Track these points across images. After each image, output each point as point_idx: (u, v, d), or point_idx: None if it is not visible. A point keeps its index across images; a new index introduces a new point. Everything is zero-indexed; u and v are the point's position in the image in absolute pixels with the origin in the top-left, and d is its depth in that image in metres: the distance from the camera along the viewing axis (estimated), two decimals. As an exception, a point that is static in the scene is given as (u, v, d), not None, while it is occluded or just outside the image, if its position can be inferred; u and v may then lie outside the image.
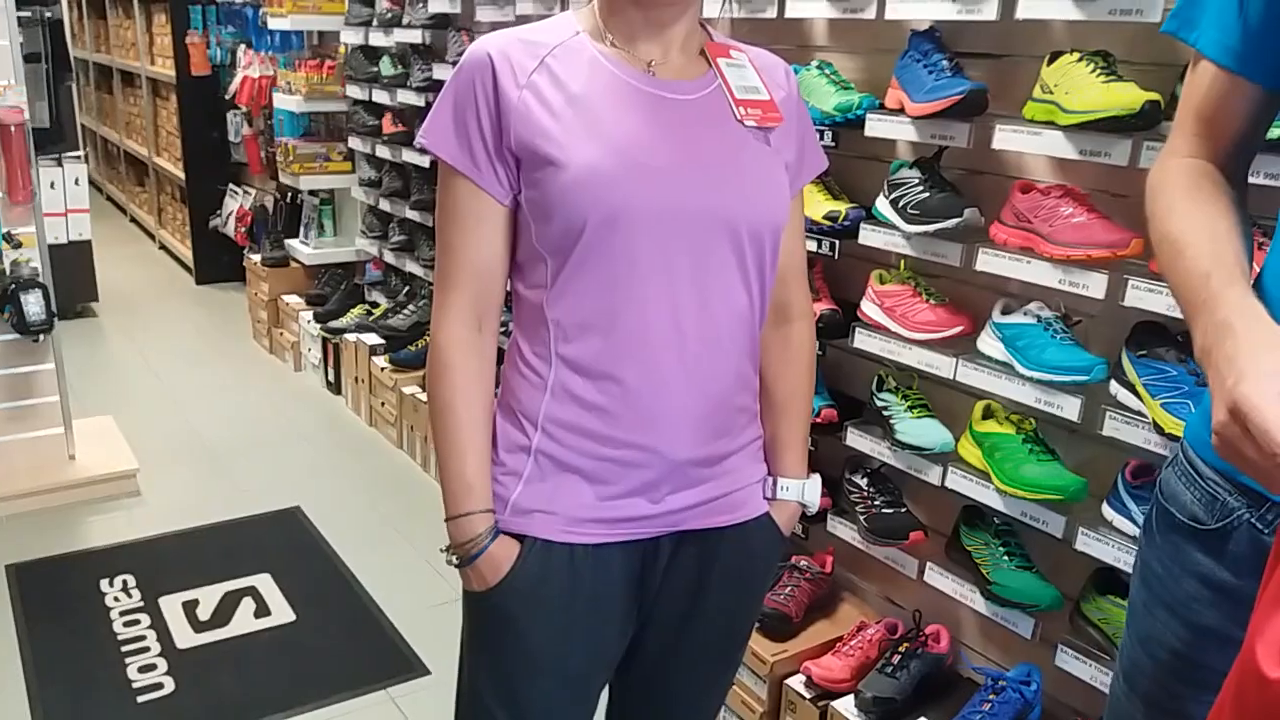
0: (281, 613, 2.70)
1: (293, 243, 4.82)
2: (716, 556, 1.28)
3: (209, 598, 2.76)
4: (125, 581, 2.82)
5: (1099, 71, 1.69)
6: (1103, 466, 1.84)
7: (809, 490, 1.37)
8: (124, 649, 2.52)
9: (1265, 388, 0.78)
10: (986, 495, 1.95)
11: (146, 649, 2.53)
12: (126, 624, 2.63)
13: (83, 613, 2.68)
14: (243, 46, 5.10)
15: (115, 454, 3.48)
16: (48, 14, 3.51)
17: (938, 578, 2.08)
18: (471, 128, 1.13)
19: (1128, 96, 1.62)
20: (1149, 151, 1.63)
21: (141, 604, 2.72)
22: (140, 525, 3.16)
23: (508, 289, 1.23)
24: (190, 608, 2.71)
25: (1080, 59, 1.72)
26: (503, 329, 1.27)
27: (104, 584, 2.81)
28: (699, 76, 1.21)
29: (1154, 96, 1.60)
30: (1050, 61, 1.79)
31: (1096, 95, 1.66)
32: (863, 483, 2.21)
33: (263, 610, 2.71)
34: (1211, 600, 1.03)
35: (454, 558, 1.24)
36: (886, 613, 2.32)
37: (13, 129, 3.00)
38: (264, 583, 2.84)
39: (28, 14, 3.30)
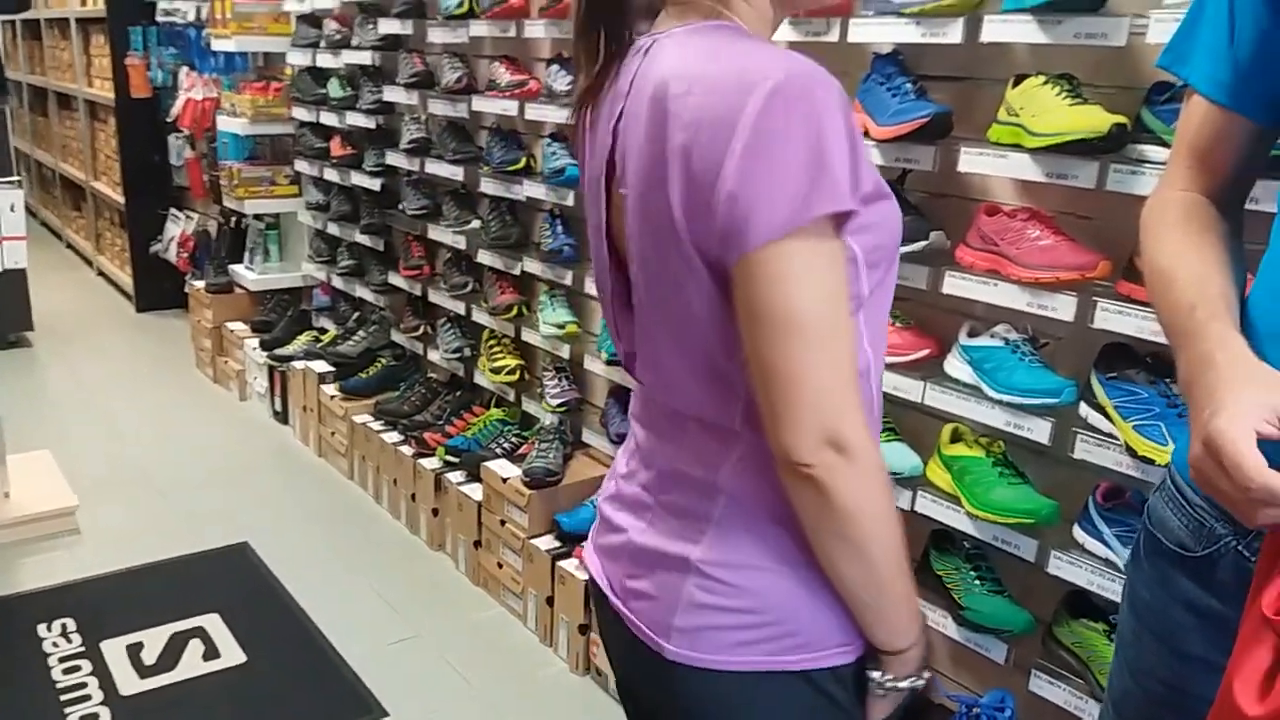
0: (231, 654, 2.60)
1: (237, 268, 4.72)
2: None
3: (154, 640, 2.64)
4: (64, 625, 2.70)
5: (1065, 94, 1.69)
6: (1073, 488, 1.83)
7: None
8: (63, 698, 2.40)
9: (1239, 422, 0.80)
10: (957, 519, 1.93)
11: (88, 697, 2.41)
12: (66, 671, 2.51)
13: (19, 660, 2.56)
14: (185, 68, 5.00)
15: (52, 490, 3.35)
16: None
17: (909, 604, 2.05)
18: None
19: (1095, 119, 1.62)
20: (1116, 174, 1.63)
21: (82, 649, 2.60)
22: (80, 565, 3.03)
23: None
24: (135, 651, 2.59)
25: (1045, 82, 1.72)
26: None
27: (41, 629, 2.68)
28: None
29: (1120, 119, 1.60)
30: (1015, 84, 1.78)
31: (1063, 118, 1.66)
32: (831, 509, 2.18)
33: (212, 652, 2.61)
34: (1199, 627, 1.02)
35: (912, 683, 1.07)
36: (856, 640, 2.29)
37: (-57, 154, 2.89)
38: (212, 623, 2.73)
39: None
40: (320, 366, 3.94)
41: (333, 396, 3.76)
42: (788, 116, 0.84)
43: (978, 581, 1.96)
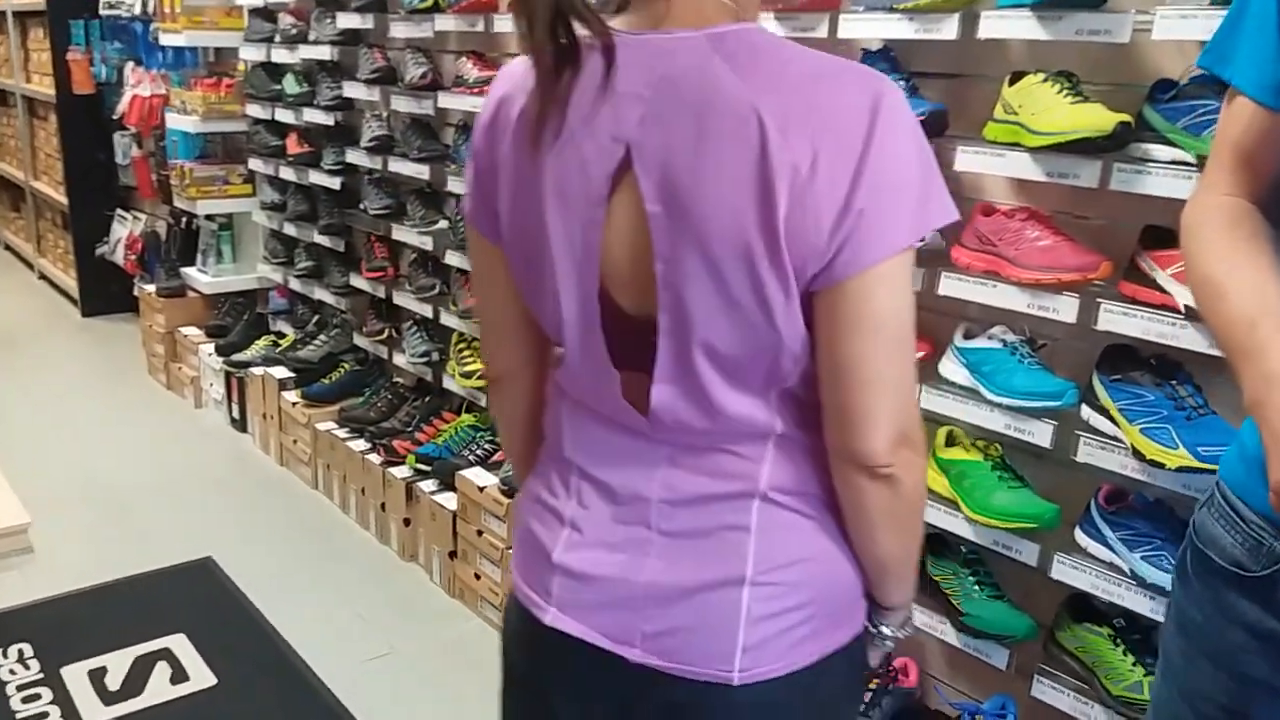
0: (200, 677, 2.50)
1: (189, 271, 4.57)
2: None
3: (118, 665, 2.53)
4: (21, 651, 2.58)
5: (1065, 92, 1.66)
6: (1071, 491, 1.80)
7: None
8: (24, 728, 2.30)
9: None
10: (955, 524, 1.90)
11: (50, 727, 2.30)
12: (26, 700, 2.39)
13: (-26, 689, 2.43)
14: (131, 64, 4.82)
15: (3, 507, 3.20)
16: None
17: (906, 611, 2.02)
18: None
19: (1098, 118, 1.58)
20: (1120, 173, 1.60)
21: (41, 675, 2.48)
22: (35, 586, 2.89)
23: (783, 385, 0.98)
24: (98, 677, 2.48)
25: (1045, 79, 1.69)
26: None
27: (-3, 655, 2.57)
28: None
29: (1125, 117, 1.57)
30: (1012, 82, 1.75)
31: (1065, 116, 1.63)
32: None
33: (179, 675, 2.50)
34: (1260, 651, 0.98)
35: (912, 630, 1.16)
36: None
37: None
38: (179, 644, 2.62)
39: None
40: (280, 372, 3.82)
41: (294, 403, 3.64)
42: (903, 130, 0.86)
43: (977, 587, 1.93)
